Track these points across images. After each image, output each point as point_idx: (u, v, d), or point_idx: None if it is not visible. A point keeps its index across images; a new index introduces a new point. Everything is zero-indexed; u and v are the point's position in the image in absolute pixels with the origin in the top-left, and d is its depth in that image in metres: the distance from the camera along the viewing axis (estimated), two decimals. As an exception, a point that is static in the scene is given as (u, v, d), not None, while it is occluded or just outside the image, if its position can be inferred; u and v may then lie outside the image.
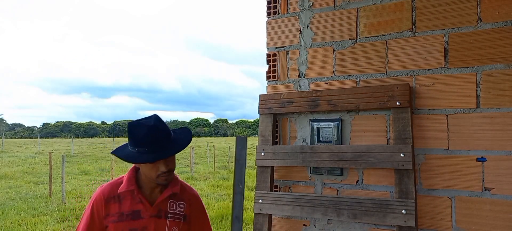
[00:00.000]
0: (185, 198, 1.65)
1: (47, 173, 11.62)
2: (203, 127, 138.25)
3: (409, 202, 1.50)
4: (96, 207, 1.55)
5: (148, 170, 1.50)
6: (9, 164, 18.25)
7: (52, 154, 11.16)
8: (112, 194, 1.56)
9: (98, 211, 1.54)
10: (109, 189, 1.58)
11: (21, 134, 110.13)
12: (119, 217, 1.52)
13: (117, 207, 1.54)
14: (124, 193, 1.56)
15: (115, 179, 1.63)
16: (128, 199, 1.55)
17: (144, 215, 1.54)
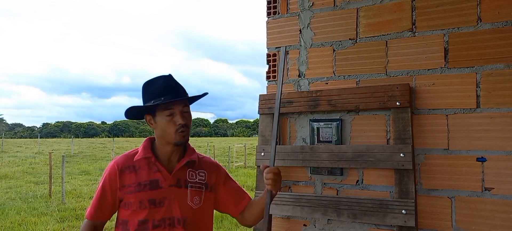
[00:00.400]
0: (204, 167, 1.57)
1: (47, 173, 11.62)
2: (203, 127, 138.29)
3: (409, 202, 1.50)
4: (109, 179, 1.46)
5: (165, 126, 1.44)
6: (9, 164, 18.25)
7: (52, 154, 11.16)
8: (127, 164, 1.48)
9: (111, 184, 1.46)
10: (123, 159, 1.50)
11: (21, 134, 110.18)
12: (136, 187, 1.44)
13: (133, 177, 1.45)
14: (140, 162, 1.48)
15: (129, 151, 1.55)
16: (144, 168, 1.47)
17: (163, 185, 1.45)
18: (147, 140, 1.55)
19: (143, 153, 1.48)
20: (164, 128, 1.44)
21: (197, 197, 1.50)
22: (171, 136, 1.45)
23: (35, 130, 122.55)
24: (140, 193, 1.43)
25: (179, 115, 1.44)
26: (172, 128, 1.43)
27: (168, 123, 1.43)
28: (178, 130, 1.43)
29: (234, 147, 22.25)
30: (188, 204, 1.48)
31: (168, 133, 1.44)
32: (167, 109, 1.43)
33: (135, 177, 1.45)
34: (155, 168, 1.47)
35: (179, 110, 1.44)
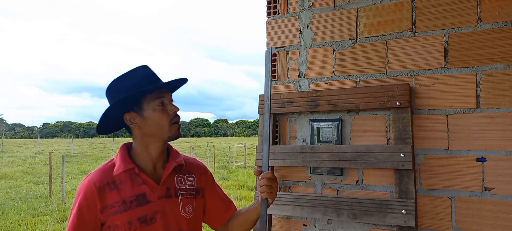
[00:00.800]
0: (192, 170, 1.40)
1: (47, 173, 11.62)
2: (203, 127, 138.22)
3: (409, 202, 1.50)
4: (86, 202, 1.22)
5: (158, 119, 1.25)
6: (9, 164, 18.25)
7: (52, 154, 11.16)
8: (106, 180, 1.24)
9: (90, 207, 1.21)
10: (100, 175, 1.25)
11: (21, 134, 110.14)
12: (121, 206, 1.22)
13: (115, 195, 1.23)
14: (120, 176, 1.25)
15: (103, 164, 1.30)
16: (127, 182, 1.25)
17: (152, 198, 1.25)
18: (123, 147, 1.32)
19: (124, 164, 1.25)
20: (156, 121, 1.25)
21: (190, 205, 1.34)
22: (164, 129, 1.26)
23: (35, 130, 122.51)
24: (127, 212, 1.22)
25: (170, 104, 1.28)
26: (166, 119, 1.25)
27: (161, 114, 1.25)
28: (172, 120, 1.27)
29: (234, 147, 22.26)
30: (181, 214, 1.30)
31: (162, 126, 1.25)
32: (159, 98, 1.25)
33: (118, 195, 1.23)
34: (140, 180, 1.26)
35: (169, 99, 1.29)
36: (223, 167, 18.03)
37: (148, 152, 1.29)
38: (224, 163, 19.43)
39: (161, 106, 1.26)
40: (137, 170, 1.26)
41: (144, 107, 1.25)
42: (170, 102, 1.28)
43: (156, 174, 1.30)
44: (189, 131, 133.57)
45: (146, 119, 1.25)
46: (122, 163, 1.26)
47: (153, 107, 1.25)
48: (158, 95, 1.25)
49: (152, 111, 1.25)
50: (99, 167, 1.30)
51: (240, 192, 10.88)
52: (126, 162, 1.26)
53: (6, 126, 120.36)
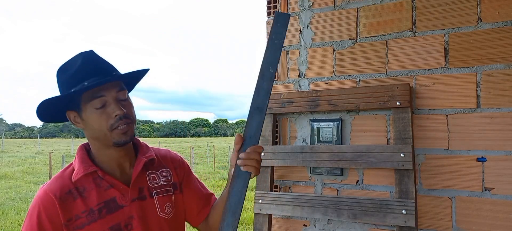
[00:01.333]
0: (166, 163, 1.25)
1: (47, 173, 11.61)
2: (203, 127, 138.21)
3: (409, 202, 1.50)
4: (46, 216, 1.02)
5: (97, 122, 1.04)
6: (9, 164, 18.24)
7: (52, 154, 11.15)
8: (66, 189, 1.06)
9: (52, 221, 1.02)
10: (58, 185, 1.06)
11: (21, 134, 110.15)
12: (88, 217, 1.05)
13: (80, 204, 1.05)
14: (82, 182, 1.07)
15: (60, 171, 1.12)
16: (92, 188, 1.07)
17: (123, 202, 1.09)
18: (81, 148, 1.15)
19: (83, 167, 1.08)
20: (96, 125, 1.05)
21: (169, 203, 1.19)
22: (105, 134, 1.06)
23: (35, 130, 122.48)
24: (97, 222, 1.05)
25: (113, 103, 1.05)
26: (104, 123, 1.04)
27: (100, 116, 1.04)
28: (114, 124, 1.05)
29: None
30: (160, 216, 1.15)
31: (102, 131, 1.05)
32: (97, 98, 1.04)
33: (83, 204, 1.06)
34: (106, 184, 1.10)
35: (113, 97, 1.06)
36: (223, 167, 18.03)
37: (107, 152, 1.11)
38: (224, 163, 19.43)
39: (101, 109, 1.05)
40: (100, 172, 1.09)
41: (82, 108, 1.06)
42: (115, 102, 1.05)
43: (124, 175, 1.14)
44: (189, 131, 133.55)
45: (86, 121, 1.07)
46: (81, 166, 1.08)
47: (91, 109, 1.05)
48: (95, 93, 1.04)
49: (89, 113, 1.05)
50: (56, 174, 1.11)
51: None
52: (85, 164, 1.09)
53: (6, 126, 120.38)
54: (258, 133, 1.11)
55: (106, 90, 1.05)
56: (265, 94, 1.12)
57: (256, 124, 1.11)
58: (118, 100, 1.07)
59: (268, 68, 1.13)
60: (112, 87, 1.06)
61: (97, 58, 1.07)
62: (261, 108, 1.12)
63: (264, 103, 1.11)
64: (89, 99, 1.04)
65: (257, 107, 1.12)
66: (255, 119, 1.11)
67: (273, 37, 1.15)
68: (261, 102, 1.11)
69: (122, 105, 1.07)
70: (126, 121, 1.07)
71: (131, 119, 1.09)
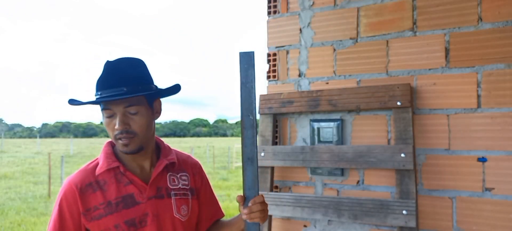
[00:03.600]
0: (186, 168, 1.30)
1: (47, 173, 11.61)
2: (203, 127, 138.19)
3: (410, 202, 1.50)
4: (67, 205, 1.12)
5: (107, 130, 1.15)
6: (8, 164, 18.23)
7: (51, 154, 11.15)
8: (87, 181, 1.14)
9: (71, 210, 1.12)
10: (81, 176, 1.15)
11: (20, 134, 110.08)
12: (106, 209, 1.12)
13: (99, 196, 1.13)
14: (104, 176, 1.15)
15: (85, 165, 1.21)
16: (112, 182, 1.15)
17: (140, 199, 1.15)
18: (107, 144, 1.23)
19: (107, 162, 1.16)
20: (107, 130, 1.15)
21: (185, 206, 1.23)
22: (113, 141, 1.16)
23: (34, 130, 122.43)
24: (113, 215, 1.12)
25: (118, 117, 1.11)
26: (111, 132, 1.14)
27: (108, 126, 1.14)
28: (117, 135, 1.11)
29: (234, 147, 22.24)
30: (176, 216, 1.20)
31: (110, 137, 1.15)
32: (105, 110, 1.12)
33: (102, 196, 1.13)
34: (126, 180, 1.16)
35: (120, 111, 1.11)
36: (223, 167, 18.02)
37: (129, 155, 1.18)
38: (224, 163, 19.42)
39: (108, 119, 1.13)
40: (122, 168, 1.16)
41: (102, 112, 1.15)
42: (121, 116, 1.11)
43: (144, 174, 1.20)
44: (188, 131, 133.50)
45: None
46: (105, 161, 1.16)
47: (103, 117, 1.14)
48: (104, 106, 1.12)
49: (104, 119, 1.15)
50: (81, 167, 1.19)
51: (240, 192, 10.88)
52: (110, 160, 1.16)
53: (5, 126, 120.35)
54: (255, 183, 1.14)
55: (114, 104, 1.11)
56: (252, 144, 1.14)
57: (252, 175, 1.14)
58: (125, 114, 1.12)
59: (248, 116, 1.14)
60: (121, 103, 1.11)
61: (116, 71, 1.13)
62: (252, 158, 1.14)
63: (253, 152, 1.14)
64: (102, 108, 1.13)
65: (248, 158, 1.14)
66: (249, 170, 1.14)
67: (243, 81, 1.15)
68: (250, 153, 1.14)
69: (127, 120, 1.12)
70: (127, 135, 1.11)
71: (133, 133, 1.12)
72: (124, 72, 1.12)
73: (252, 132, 1.14)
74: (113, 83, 1.10)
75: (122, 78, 1.11)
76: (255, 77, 1.16)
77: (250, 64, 1.15)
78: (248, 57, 1.15)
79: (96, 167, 1.17)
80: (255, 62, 1.17)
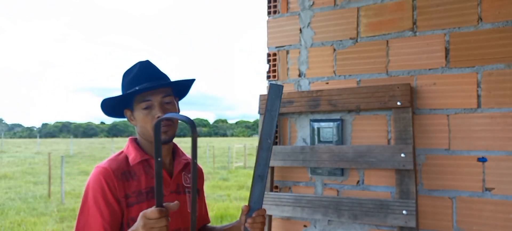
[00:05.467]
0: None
1: (47, 173, 11.61)
2: (203, 127, 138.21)
3: (410, 202, 1.50)
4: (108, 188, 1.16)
5: (143, 122, 1.22)
6: (8, 164, 18.23)
7: (51, 154, 11.15)
8: (121, 169, 1.21)
9: (114, 193, 1.16)
10: (115, 163, 1.21)
11: (20, 134, 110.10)
12: (137, 197, 1.19)
13: (132, 184, 1.20)
14: (135, 167, 1.22)
15: (114, 155, 1.27)
16: (141, 173, 1.22)
17: (165, 192, 1.23)
18: (133, 140, 1.31)
19: (140, 155, 1.24)
20: (142, 123, 1.23)
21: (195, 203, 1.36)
22: (149, 132, 1.22)
23: (34, 130, 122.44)
24: (144, 203, 1.19)
25: (158, 107, 1.21)
26: (150, 123, 1.21)
27: (145, 117, 1.22)
28: None
29: (234, 147, 22.27)
30: (187, 211, 1.30)
31: (147, 129, 1.22)
32: (144, 101, 1.21)
33: (134, 185, 1.21)
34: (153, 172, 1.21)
35: (158, 101, 1.22)
36: (223, 167, 18.02)
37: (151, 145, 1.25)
38: (224, 163, 19.41)
39: (147, 111, 1.22)
40: (151, 161, 1.25)
41: (134, 108, 1.24)
42: (159, 106, 1.22)
43: (166, 168, 1.30)
44: (188, 131, 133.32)
45: (136, 120, 1.25)
46: (137, 153, 1.24)
47: (139, 110, 1.23)
48: (143, 97, 1.21)
49: (138, 113, 1.23)
50: (111, 157, 1.25)
51: (240, 192, 10.88)
52: (141, 152, 1.25)
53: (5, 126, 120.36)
54: (261, 198, 1.29)
55: (153, 95, 1.22)
56: (265, 164, 1.30)
57: (259, 191, 1.29)
58: (162, 104, 1.23)
59: (266, 139, 1.29)
60: (159, 93, 1.22)
61: (151, 66, 1.26)
62: (262, 176, 1.29)
63: (265, 171, 1.29)
64: (139, 102, 1.22)
65: (258, 175, 1.28)
66: (257, 187, 1.28)
67: (269, 109, 1.30)
68: (261, 171, 1.29)
69: (164, 108, 1.23)
70: (167, 123, 1.22)
71: (172, 121, 1.24)
72: (157, 69, 1.26)
73: (268, 154, 1.29)
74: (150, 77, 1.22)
75: (158, 73, 1.25)
76: (279, 108, 1.33)
77: (278, 96, 1.31)
78: (277, 89, 1.31)
79: (126, 158, 1.24)
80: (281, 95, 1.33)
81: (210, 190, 11.51)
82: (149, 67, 1.25)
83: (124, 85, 1.25)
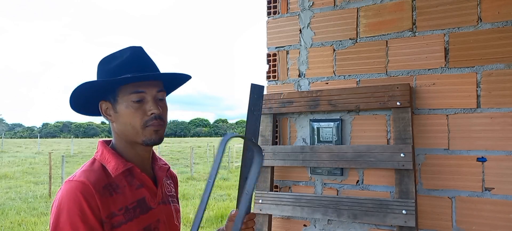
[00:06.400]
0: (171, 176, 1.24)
1: (47, 173, 11.61)
2: (203, 127, 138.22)
3: (410, 202, 1.50)
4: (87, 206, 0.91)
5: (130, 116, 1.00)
6: (9, 164, 18.24)
7: (51, 154, 11.15)
8: (102, 183, 0.96)
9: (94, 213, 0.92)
10: (93, 176, 0.96)
11: (21, 134, 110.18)
12: (125, 215, 0.97)
13: (119, 199, 0.98)
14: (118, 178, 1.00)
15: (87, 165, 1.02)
16: (124, 185, 1.00)
17: (152, 204, 1.05)
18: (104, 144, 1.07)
19: (122, 163, 1.01)
20: (128, 119, 1.00)
21: (178, 213, 1.18)
22: (136, 132, 1.01)
23: (35, 130, 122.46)
24: (133, 222, 0.99)
25: (151, 102, 1.01)
26: (138, 120, 1.00)
27: (135, 111, 0.99)
28: (148, 122, 1.00)
29: (234, 147, 22.24)
30: (175, 223, 1.14)
31: (133, 127, 1.00)
32: (136, 93, 1.00)
33: (121, 199, 0.98)
34: (137, 183, 1.04)
35: (152, 95, 1.02)
36: (223, 167, 18.03)
37: (132, 150, 1.05)
38: (224, 163, 19.42)
39: (138, 104, 1.00)
40: (137, 170, 1.04)
41: (118, 100, 1.01)
42: (153, 100, 1.02)
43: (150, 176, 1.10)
44: (188, 131, 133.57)
45: (119, 114, 1.01)
46: (118, 161, 1.01)
47: (127, 103, 1.00)
48: (136, 88, 1.00)
49: (125, 107, 1.00)
50: (84, 168, 1.00)
51: (240, 192, 10.85)
52: (122, 160, 1.02)
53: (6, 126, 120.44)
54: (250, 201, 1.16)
55: (147, 87, 1.01)
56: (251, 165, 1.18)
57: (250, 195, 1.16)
58: (156, 99, 1.03)
59: (251, 139, 1.22)
60: (153, 86, 1.02)
61: (145, 55, 1.04)
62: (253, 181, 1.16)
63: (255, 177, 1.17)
64: (128, 93, 1.00)
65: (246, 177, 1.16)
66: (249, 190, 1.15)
67: (252, 109, 1.26)
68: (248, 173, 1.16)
69: (158, 105, 1.03)
70: (159, 121, 1.02)
71: (164, 120, 1.05)
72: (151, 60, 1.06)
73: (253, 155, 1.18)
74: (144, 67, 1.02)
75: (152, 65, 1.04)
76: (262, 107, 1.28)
77: (260, 95, 1.28)
78: (258, 89, 1.28)
79: (103, 168, 1.00)
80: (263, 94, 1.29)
81: (211, 189, 11.48)
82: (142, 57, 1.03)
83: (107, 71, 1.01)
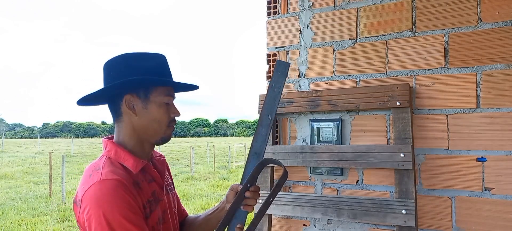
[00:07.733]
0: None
1: (47, 173, 11.62)
2: (203, 127, 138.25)
3: (409, 202, 1.50)
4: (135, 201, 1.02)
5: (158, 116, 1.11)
6: (9, 164, 18.25)
7: (52, 154, 11.16)
8: (131, 180, 1.06)
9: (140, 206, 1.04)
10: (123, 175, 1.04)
11: (21, 134, 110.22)
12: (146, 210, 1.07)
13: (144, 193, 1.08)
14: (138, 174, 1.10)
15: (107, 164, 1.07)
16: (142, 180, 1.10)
17: (160, 196, 1.15)
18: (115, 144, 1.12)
19: (140, 161, 1.10)
20: (157, 118, 1.11)
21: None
22: (161, 129, 1.13)
23: (35, 130, 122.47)
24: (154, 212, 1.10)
25: (174, 106, 1.17)
26: (167, 119, 1.13)
27: (165, 111, 1.12)
28: (172, 122, 1.15)
29: (234, 147, 22.27)
30: (173, 210, 1.23)
31: (160, 124, 1.12)
32: (168, 95, 1.13)
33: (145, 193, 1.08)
34: (149, 177, 1.13)
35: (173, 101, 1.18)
36: (223, 167, 18.03)
37: (142, 147, 1.14)
38: (224, 163, 19.43)
39: (166, 106, 1.13)
40: (150, 166, 1.15)
41: (150, 98, 1.10)
42: (174, 105, 1.18)
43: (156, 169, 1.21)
44: (189, 131, 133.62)
45: (148, 111, 1.10)
46: (135, 159, 1.09)
47: (159, 103, 1.11)
48: (169, 92, 1.14)
49: (157, 106, 1.11)
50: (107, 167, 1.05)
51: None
52: (136, 157, 1.10)
53: (6, 126, 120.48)
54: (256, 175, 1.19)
55: (173, 93, 1.18)
56: (263, 141, 1.21)
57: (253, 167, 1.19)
58: None
59: (267, 116, 1.22)
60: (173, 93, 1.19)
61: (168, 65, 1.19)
62: (259, 153, 1.21)
63: (262, 149, 1.20)
64: (163, 94, 1.12)
65: (255, 152, 1.21)
66: (252, 163, 1.20)
67: (273, 86, 1.24)
68: (259, 148, 1.21)
69: None
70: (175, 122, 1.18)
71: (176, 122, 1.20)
72: None
73: (267, 131, 1.21)
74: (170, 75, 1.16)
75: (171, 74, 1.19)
76: (284, 86, 1.26)
77: (283, 73, 1.25)
78: (283, 66, 1.26)
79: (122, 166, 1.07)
80: (288, 73, 1.27)
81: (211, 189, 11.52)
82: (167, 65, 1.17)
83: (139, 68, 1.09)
